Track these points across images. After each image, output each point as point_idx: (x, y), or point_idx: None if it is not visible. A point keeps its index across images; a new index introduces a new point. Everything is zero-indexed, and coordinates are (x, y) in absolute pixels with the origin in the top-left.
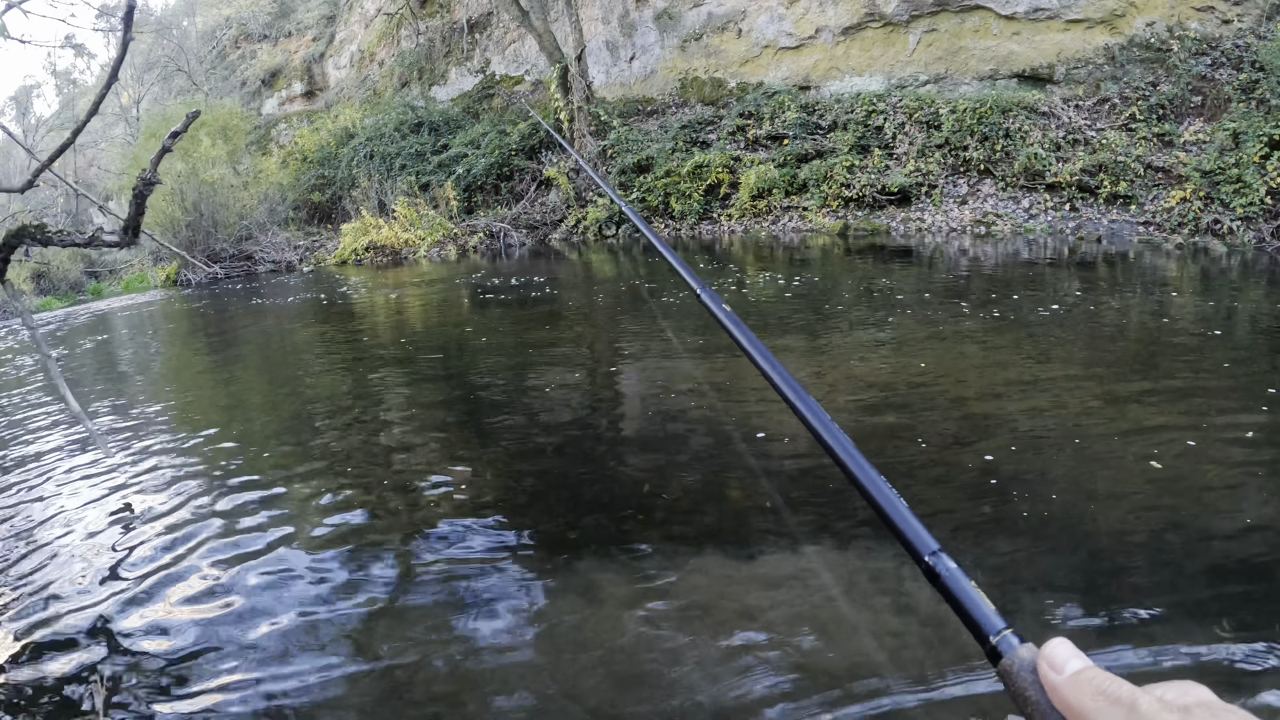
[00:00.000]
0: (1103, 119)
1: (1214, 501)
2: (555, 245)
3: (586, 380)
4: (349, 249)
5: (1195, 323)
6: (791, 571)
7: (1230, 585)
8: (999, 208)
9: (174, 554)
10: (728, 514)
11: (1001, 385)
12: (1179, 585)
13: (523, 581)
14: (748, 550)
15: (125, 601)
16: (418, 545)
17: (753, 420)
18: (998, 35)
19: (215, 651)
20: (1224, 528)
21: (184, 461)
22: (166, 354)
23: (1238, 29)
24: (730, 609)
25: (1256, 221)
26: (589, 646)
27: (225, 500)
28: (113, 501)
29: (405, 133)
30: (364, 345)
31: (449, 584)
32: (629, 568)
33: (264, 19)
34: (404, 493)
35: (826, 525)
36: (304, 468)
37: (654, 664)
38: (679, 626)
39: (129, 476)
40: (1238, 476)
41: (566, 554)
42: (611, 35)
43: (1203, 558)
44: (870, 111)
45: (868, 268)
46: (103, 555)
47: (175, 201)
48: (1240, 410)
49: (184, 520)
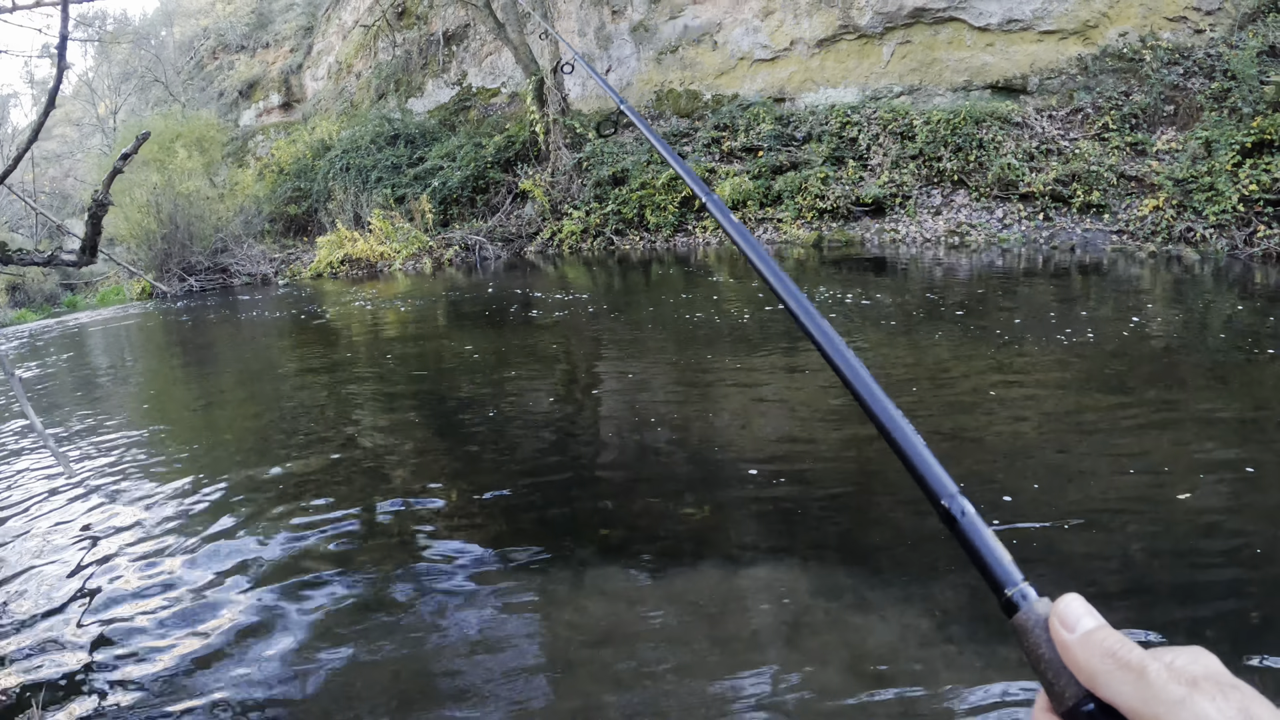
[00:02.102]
0: (1076, 129)
1: (1189, 516)
2: (531, 258)
3: (558, 398)
4: (324, 262)
5: (1169, 332)
6: (742, 589)
7: (1200, 603)
8: (973, 218)
9: (134, 571)
10: (684, 534)
11: (973, 397)
12: (1155, 603)
13: (486, 598)
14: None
15: (77, 621)
16: (382, 559)
17: (716, 437)
18: (971, 46)
19: (177, 668)
20: (1200, 544)
21: (150, 478)
22: (138, 369)
23: (1210, 38)
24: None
25: (1229, 229)
26: (552, 657)
27: (189, 517)
28: (74, 521)
29: (381, 145)
30: (336, 361)
31: (415, 601)
32: (592, 586)
33: (242, 30)
34: (372, 509)
35: (763, 545)
36: (272, 488)
37: (608, 678)
38: (642, 641)
39: (92, 493)
40: (1213, 485)
41: (531, 571)
42: (587, 48)
43: (1176, 575)
44: (844, 123)
45: (842, 279)
46: (56, 573)
47: (151, 214)
48: (1213, 419)
49: (146, 538)
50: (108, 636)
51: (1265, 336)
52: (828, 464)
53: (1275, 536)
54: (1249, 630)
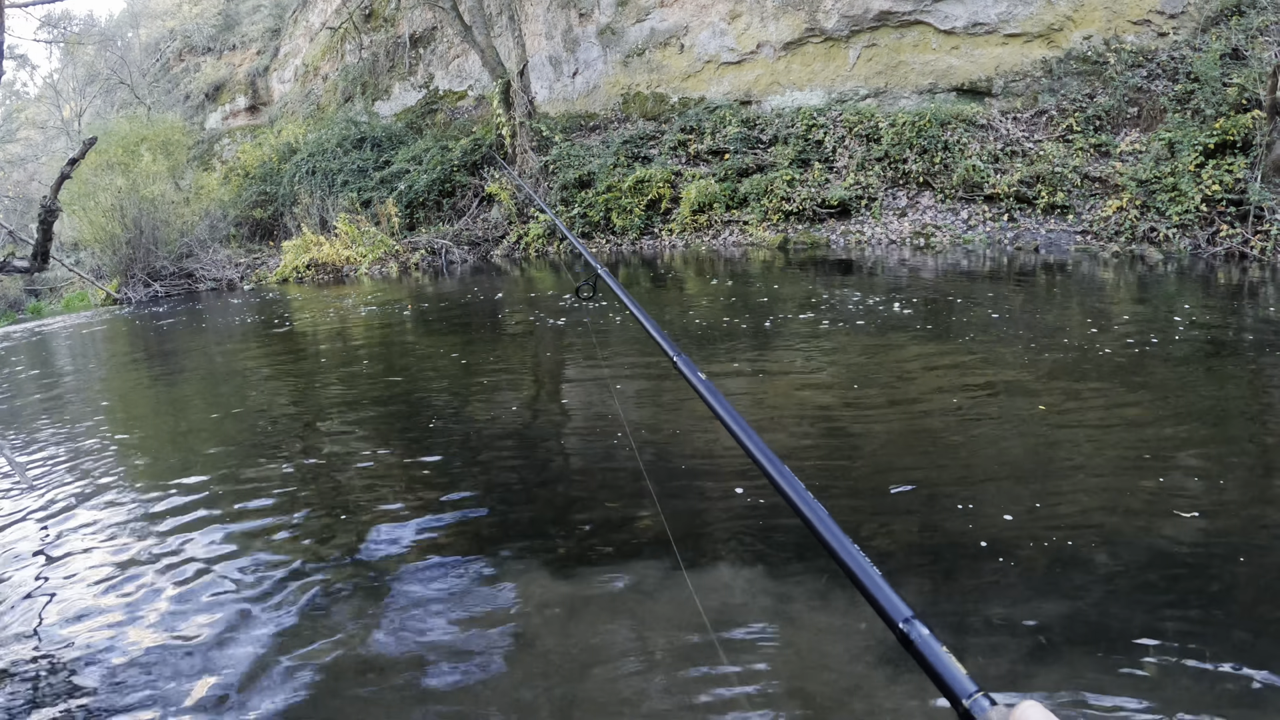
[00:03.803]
0: (1040, 131)
1: (1155, 512)
2: (497, 262)
3: (523, 403)
4: (290, 266)
5: (1133, 331)
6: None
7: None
8: (938, 219)
9: (88, 584)
10: (645, 540)
11: (940, 400)
12: (1116, 603)
13: (442, 603)
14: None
15: (28, 634)
16: (340, 565)
17: (677, 441)
18: (937, 50)
19: (128, 680)
20: (1167, 547)
21: (110, 487)
22: (101, 376)
23: (1173, 41)
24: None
25: (1192, 229)
26: (509, 662)
27: (149, 527)
28: (27, 536)
29: (348, 148)
30: (301, 367)
31: (372, 606)
32: (550, 590)
33: (208, 31)
34: (333, 514)
35: (722, 551)
36: (235, 496)
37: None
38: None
39: (50, 503)
40: (1179, 481)
41: (490, 577)
42: (555, 50)
43: (1140, 573)
44: (810, 126)
45: (808, 280)
46: (6, 587)
47: (115, 218)
48: (1177, 415)
49: (103, 548)
50: (60, 645)
51: (1228, 335)
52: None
53: (1241, 531)
54: (1213, 631)
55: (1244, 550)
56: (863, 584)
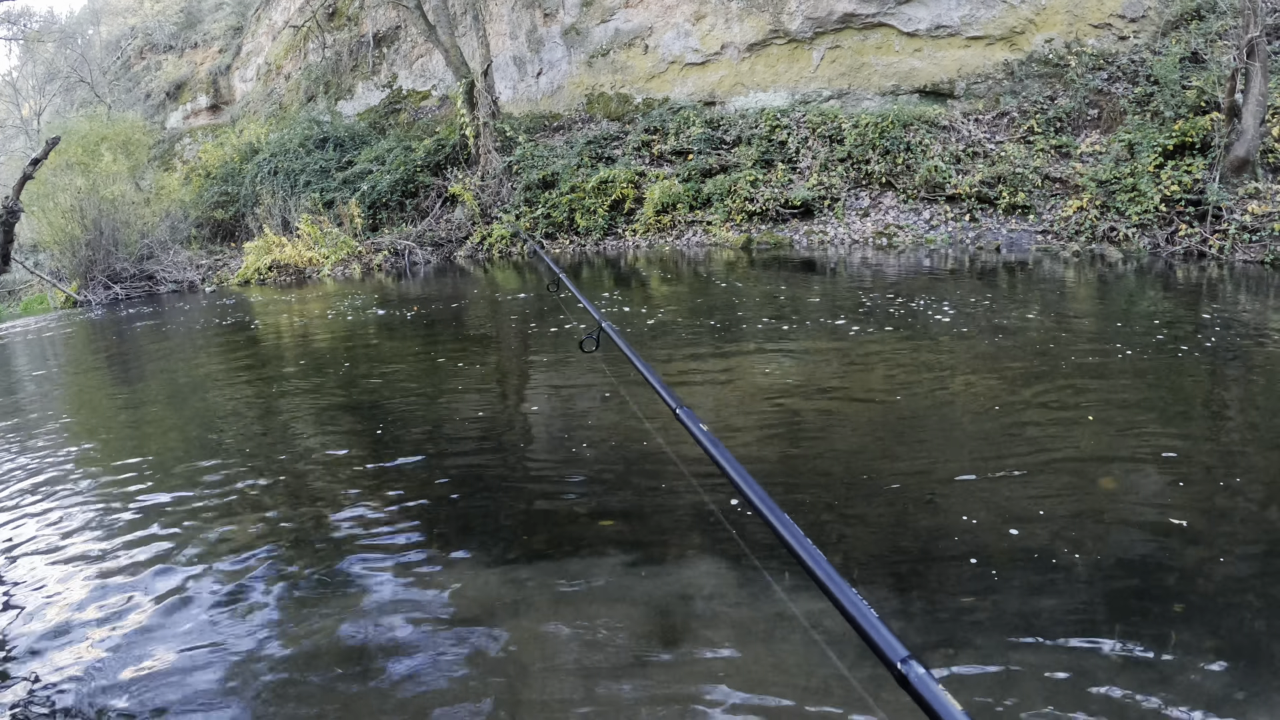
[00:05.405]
0: (1002, 132)
1: (1115, 506)
2: (460, 263)
3: (488, 405)
4: (252, 268)
5: (1094, 329)
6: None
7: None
8: (900, 219)
9: (46, 594)
10: (610, 539)
11: (903, 396)
12: (1078, 594)
13: (409, 605)
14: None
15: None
16: (306, 568)
17: (641, 440)
18: (900, 52)
19: (91, 691)
20: (1130, 541)
21: (69, 495)
22: (59, 381)
23: (1134, 45)
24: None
25: (1151, 228)
26: (475, 662)
27: (110, 536)
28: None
29: (310, 148)
30: (263, 370)
31: (340, 610)
32: (515, 592)
33: (170, 29)
34: (299, 517)
35: (688, 549)
36: (198, 500)
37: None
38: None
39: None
40: (1137, 476)
41: (456, 578)
42: (519, 50)
43: (1101, 566)
44: (774, 126)
45: (771, 280)
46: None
47: (74, 219)
48: (1135, 409)
49: (62, 558)
50: (18, 658)
51: (1187, 330)
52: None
53: (1199, 524)
54: (1171, 620)
55: (1206, 542)
56: (860, 625)
